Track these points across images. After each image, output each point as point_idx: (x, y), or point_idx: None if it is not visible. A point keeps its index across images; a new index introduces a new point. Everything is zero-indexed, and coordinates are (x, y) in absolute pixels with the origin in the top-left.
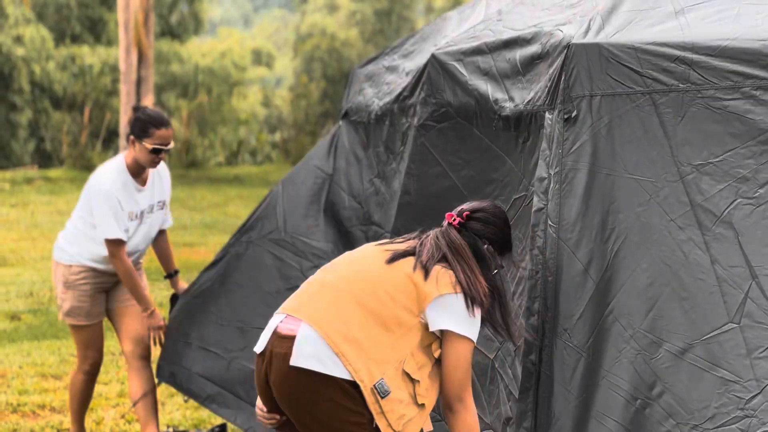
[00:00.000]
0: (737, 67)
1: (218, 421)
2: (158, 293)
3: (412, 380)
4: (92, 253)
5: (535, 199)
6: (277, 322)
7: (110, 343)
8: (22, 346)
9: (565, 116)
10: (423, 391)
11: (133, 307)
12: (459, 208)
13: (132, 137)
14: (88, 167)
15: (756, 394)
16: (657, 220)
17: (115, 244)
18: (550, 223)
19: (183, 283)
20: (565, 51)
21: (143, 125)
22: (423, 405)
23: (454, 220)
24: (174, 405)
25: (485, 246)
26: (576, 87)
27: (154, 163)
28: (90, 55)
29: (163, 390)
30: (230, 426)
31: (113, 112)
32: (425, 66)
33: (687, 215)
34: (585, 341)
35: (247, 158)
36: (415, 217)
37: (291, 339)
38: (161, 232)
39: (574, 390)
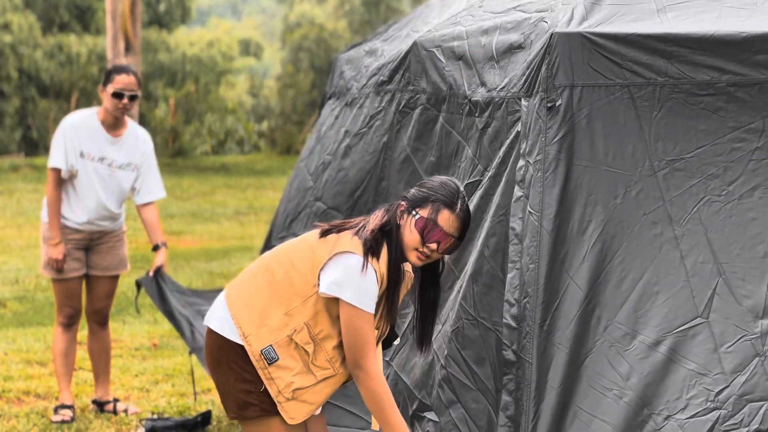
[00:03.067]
0: (715, 62)
1: (203, 408)
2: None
3: (306, 351)
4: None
5: (516, 188)
6: None
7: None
8: (8, 332)
9: (548, 105)
10: (323, 363)
11: (105, 278)
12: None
13: (101, 87)
14: None
15: (724, 388)
16: (632, 213)
17: (53, 173)
18: (531, 211)
19: (163, 258)
20: (548, 39)
21: (107, 74)
22: (323, 376)
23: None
24: (159, 392)
25: (398, 205)
26: (559, 76)
27: (119, 110)
28: (77, 44)
29: (149, 377)
30: (215, 413)
31: (100, 101)
32: (407, 53)
33: (660, 210)
34: (562, 333)
35: (234, 147)
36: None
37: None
38: (149, 204)
39: (554, 379)
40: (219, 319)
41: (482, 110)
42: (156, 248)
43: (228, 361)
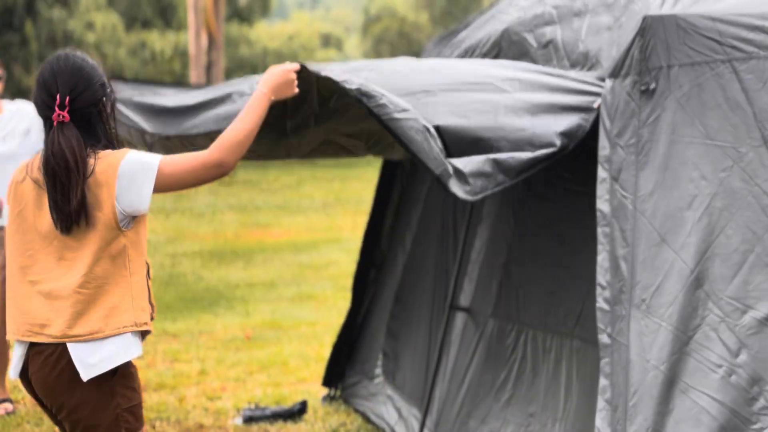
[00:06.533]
0: None
1: (299, 398)
2: None
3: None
4: None
5: (599, 169)
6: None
7: (188, 324)
8: None
9: (642, 88)
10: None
11: None
12: (57, 101)
13: None
14: None
15: None
16: (741, 185)
17: None
18: (623, 195)
19: None
20: (641, 22)
21: None
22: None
23: (62, 117)
24: (254, 383)
25: (96, 113)
26: (653, 58)
27: None
28: (160, 40)
29: (244, 368)
30: (311, 403)
31: None
32: (499, 39)
33: None
34: (665, 310)
35: None
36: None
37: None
38: None
39: (654, 360)
40: (92, 363)
41: (572, 93)
42: None
43: (115, 389)
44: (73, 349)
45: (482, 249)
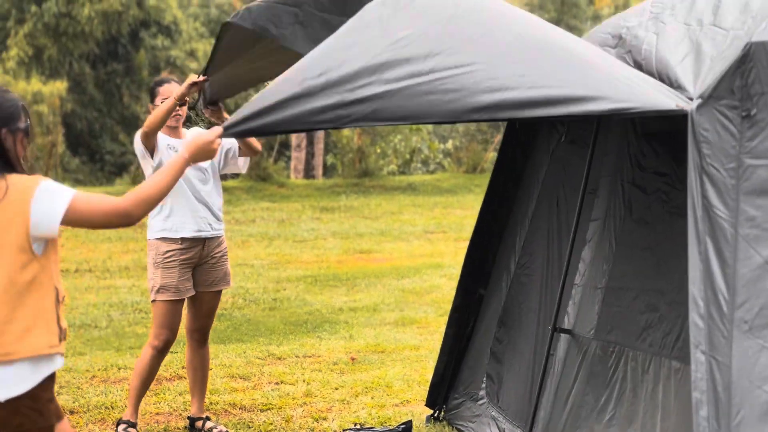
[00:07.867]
0: None
1: (403, 419)
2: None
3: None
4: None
5: (693, 191)
6: None
7: (292, 347)
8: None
9: (744, 114)
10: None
11: (209, 293)
12: None
13: (150, 105)
14: (263, 177)
15: None
16: None
17: None
18: (723, 216)
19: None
20: (744, 49)
21: (151, 91)
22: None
23: None
24: (359, 404)
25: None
26: (755, 85)
27: (173, 119)
28: None
29: (348, 390)
30: (415, 423)
31: None
32: None
33: None
34: None
35: (419, 167)
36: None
37: None
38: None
39: (758, 380)
40: (10, 384)
41: (671, 119)
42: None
43: (19, 410)
44: None
45: (585, 272)
